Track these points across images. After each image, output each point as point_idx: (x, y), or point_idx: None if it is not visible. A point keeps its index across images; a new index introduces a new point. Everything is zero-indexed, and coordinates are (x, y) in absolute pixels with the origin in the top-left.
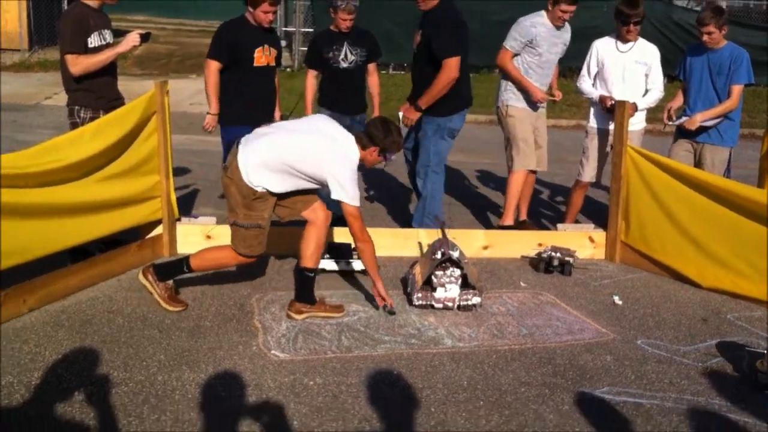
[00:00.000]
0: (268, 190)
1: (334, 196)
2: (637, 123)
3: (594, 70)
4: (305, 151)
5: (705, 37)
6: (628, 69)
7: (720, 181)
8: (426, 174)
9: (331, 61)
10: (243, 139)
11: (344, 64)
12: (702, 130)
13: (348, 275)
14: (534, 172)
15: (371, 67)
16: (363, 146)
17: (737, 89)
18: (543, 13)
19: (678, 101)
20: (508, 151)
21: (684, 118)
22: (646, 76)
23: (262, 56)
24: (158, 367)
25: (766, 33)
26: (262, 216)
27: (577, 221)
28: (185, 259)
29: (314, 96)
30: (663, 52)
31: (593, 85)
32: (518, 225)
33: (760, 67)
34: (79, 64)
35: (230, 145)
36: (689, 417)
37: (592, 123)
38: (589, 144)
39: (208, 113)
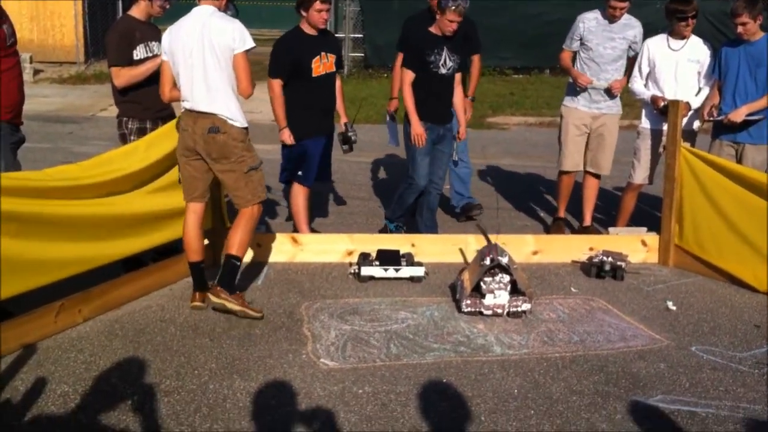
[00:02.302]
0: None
1: (243, 48)
2: (689, 123)
3: (645, 69)
4: (217, 47)
5: (740, 29)
6: (681, 68)
7: None
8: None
9: (431, 66)
10: (188, 106)
11: (443, 70)
12: (743, 127)
13: (396, 282)
14: (596, 176)
15: (458, 77)
16: None
17: None
18: (599, 9)
19: (715, 98)
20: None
21: (722, 116)
22: (699, 74)
23: (320, 65)
24: (209, 375)
25: None
26: (255, 150)
27: (629, 224)
28: (228, 258)
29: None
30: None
31: (645, 85)
32: (582, 230)
33: None
34: (121, 76)
35: (296, 158)
36: (746, 426)
37: (645, 124)
38: (641, 145)
39: (280, 130)
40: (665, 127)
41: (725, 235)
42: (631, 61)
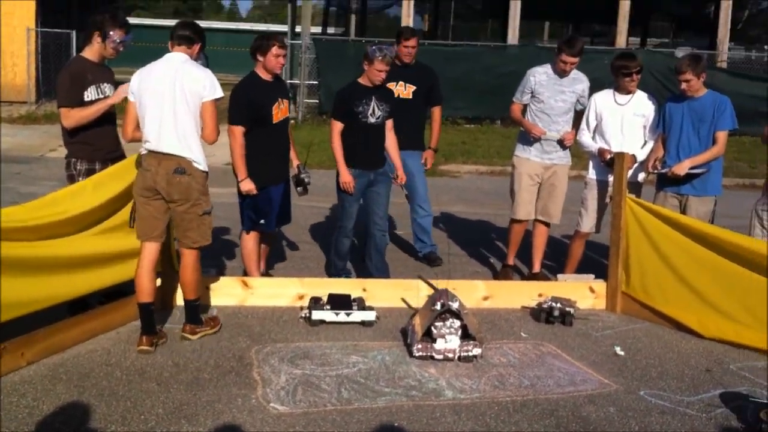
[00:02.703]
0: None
1: (213, 96)
2: (634, 175)
3: (593, 123)
4: (188, 94)
5: (684, 85)
6: (627, 121)
7: (719, 231)
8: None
9: (360, 116)
10: (152, 148)
11: (372, 120)
12: (686, 180)
13: (347, 326)
14: (546, 224)
15: (390, 123)
16: (189, 46)
17: (723, 135)
18: (549, 64)
19: (660, 152)
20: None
21: (666, 169)
22: (645, 127)
23: (278, 111)
24: (156, 421)
25: None
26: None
27: (577, 271)
28: (188, 302)
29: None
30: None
31: (592, 137)
32: (532, 277)
33: (763, 117)
34: (70, 117)
35: (261, 206)
36: None
37: (591, 174)
38: (588, 195)
39: (240, 181)
40: (611, 178)
41: (670, 283)
42: (578, 114)
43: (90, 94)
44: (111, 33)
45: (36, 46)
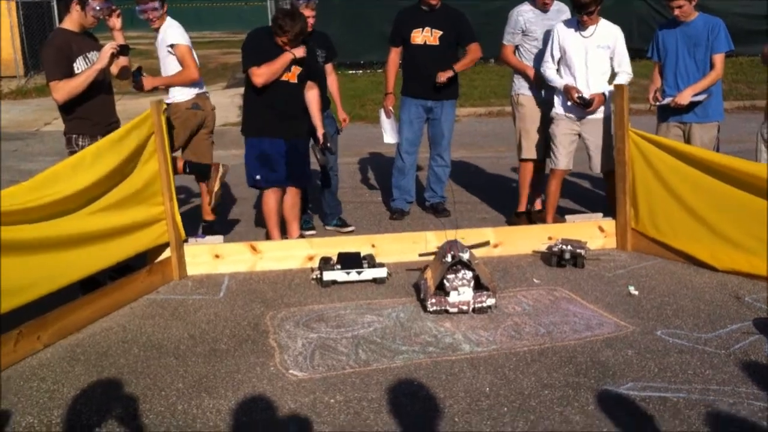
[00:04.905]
0: None
1: None
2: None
3: (557, 55)
4: None
5: (676, 11)
6: (590, 54)
7: (726, 159)
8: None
9: None
10: (202, 90)
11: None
12: (688, 108)
13: (360, 285)
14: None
15: (329, 67)
16: None
17: (720, 58)
18: (526, 1)
19: (657, 82)
20: (517, 140)
21: (668, 99)
22: (611, 59)
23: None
24: (177, 396)
25: (762, 1)
26: None
27: (585, 211)
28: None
29: None
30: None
31: (558, 71)
32: (537, 214)
33: (758, 36)
34: (60, 90)
35: (256, 157)
36: (717, 408)
37: (558, 109)
38: (556, 131)
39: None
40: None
41: (680, 216)
42: None
43: (79, 65)
44: (90, 1)
45: (18, 18)
